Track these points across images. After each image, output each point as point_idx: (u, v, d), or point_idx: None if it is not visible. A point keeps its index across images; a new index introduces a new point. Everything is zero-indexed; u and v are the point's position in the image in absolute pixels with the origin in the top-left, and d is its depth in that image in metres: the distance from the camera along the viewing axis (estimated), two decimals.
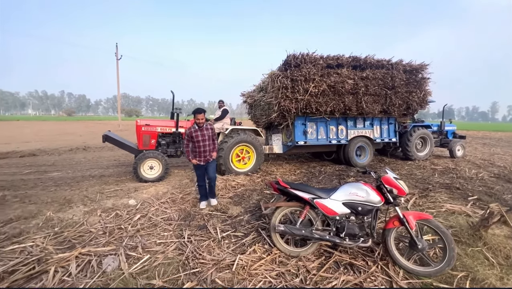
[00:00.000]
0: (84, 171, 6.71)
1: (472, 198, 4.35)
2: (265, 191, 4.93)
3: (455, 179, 5.70)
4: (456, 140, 8.87)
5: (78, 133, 19.87)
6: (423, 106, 7.65)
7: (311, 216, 2.74)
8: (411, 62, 7.30)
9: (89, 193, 4.73)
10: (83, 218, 3.58)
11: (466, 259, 2.47)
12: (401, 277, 2.30)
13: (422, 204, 4.08)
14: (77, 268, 2.42)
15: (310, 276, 2.32)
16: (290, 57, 6.08)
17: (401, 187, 2.50)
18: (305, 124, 6.77)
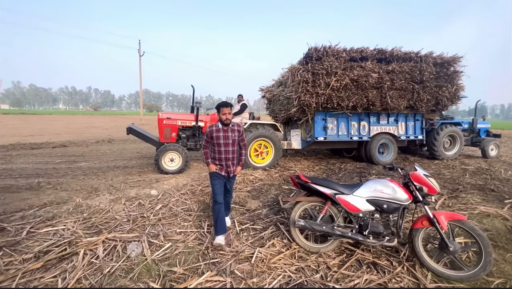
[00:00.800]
0: (109, 162, 7.04)
1: (509, 201, 4.00)
2: (283, 186, 4.88)
3: (489, 180, 5.28)
4: (489, 139, 8.21)
5: (104, 126, 20.93)
6: (454, 102, 7.15)
7: (332, 212, 2.66)
8: (442, 55, 6.82)
9: (114, 182, 4.95)
10: (109, 205, 3.75)
11: (504, 265, 2.28)
12: (429, 280, 2.17)
13: (452, 205, 3.83)
14: (104, 252, 2.53)
15: (331, 273, 2.26)
16: (311, 50, 5.92)
17: (432, 185, 2.35)
18: (326, 119, 6.59)
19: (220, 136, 2.83)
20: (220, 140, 2.83)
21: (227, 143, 2.84)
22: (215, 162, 2.90)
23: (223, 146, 2.84)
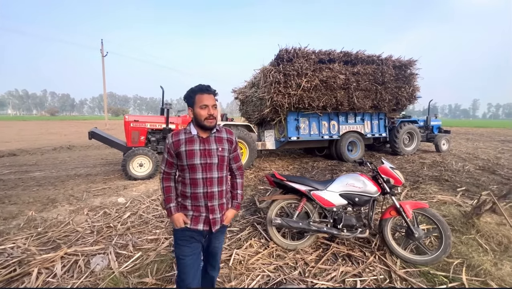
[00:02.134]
0: (69, 170, 6.41)
1: (461, 189, 4.45)
2: (258, 187, 4.87)
3: (443, 172, 5.84)
4: (441, 135, 9.12)
5: (62, 132, 19.11)
6: (411, 101, 7.80)
7: (308, 208, 2.70)
8: (400, 58, 7.42)
9: (75, 192, 4.51)
10: (68, 217, 3.39)
11: (460, 246, 2.50)
12: (398, 267, 2.30)
13: (414, 196, 4.14)
14: (63, 268, 2.27)
15: (309, 269, 2.28)
16: (282, 52, 6.04)
17: (397, 177, 2.50)
18: (298, 119, 6.75)
19: (194, 150, 1.46)
20: (195, 158, 1.45)
21: (209, 164, 1.47)
22: (184, 206, 1.52)
23: (201, 170, 1.46)
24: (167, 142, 1.49)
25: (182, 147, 1.45)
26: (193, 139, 1.48)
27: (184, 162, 1.45)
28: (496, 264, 2.24)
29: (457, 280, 2.09)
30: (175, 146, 1.47)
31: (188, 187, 1.48)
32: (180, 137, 1.48)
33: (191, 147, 1.46)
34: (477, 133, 18.60)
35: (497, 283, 2.03)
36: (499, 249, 2.44)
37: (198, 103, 1.44)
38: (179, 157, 1.47)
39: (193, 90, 1.47)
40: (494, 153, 8.64)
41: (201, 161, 1.46)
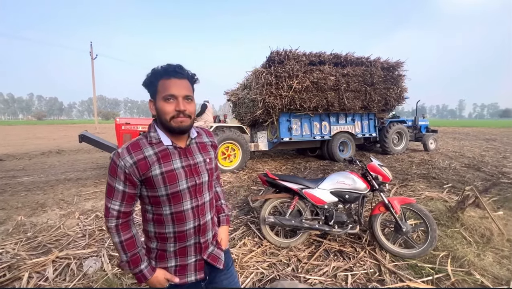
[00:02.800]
0: (58, 174, 6.29)
1: (447, 185, 4.61)
2: (252, 187, 4.91)
3: (431, 170, 6.02)
4: (429, 134, 9.38)
5: (51, 136, 18.66)
6: (400, 102, 8.02)
7: (300, 206, 2.76)
8: (388, 60, 7.63)
9: (65, 196, 4.43)
10: (59, 221, 3.34)
11: (446, 239, 2.60)
12: (388, 260, 2.38)
13: (403, 193, 4.27)
14: (55, 272, 2.24)
15: (302, 265, 2.33)
16: (273, 54, 6.12)
17: (385, 174, 2.59)
18: (290, 120, 6.84)
19: (176, 170, 0.97)
20: (180, 181, 0.97)
21: (199, 186, 1.03)
22: (162, 255, 1.03)
23: (189, 197, 1.00)
24: (120, 164, 0.91)
25: (155, 169, 0.93)
26: (168, 153, 0.96)
27: (162, 191, 0.94)
28: (479, 255, 2.35)
29: (443, 271, 2.18)
30: (141, 168, 0.92)
31: (169, 225, 0.98)
32: (146, 152, 0.93)
33: (169, 166, 0.95)
34: (463, 132, 19.20)
35: (480, 273, 2.13)
36: (481, 241, 2.56)
37: (161, 92, 0.92)
38: (149, 184, 0.94)
39: (156, 72, 0.94)
40: (479, 151, 8.96)
41: (189, 184, 0.98)
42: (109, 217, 0.95)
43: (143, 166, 0.93)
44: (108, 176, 0.95)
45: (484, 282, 2.03)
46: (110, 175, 0.94)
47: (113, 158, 0.93)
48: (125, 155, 0.92)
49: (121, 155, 0.92)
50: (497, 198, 3.83)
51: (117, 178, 0.92)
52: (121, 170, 0.92)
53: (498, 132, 18.74)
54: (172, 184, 0.95)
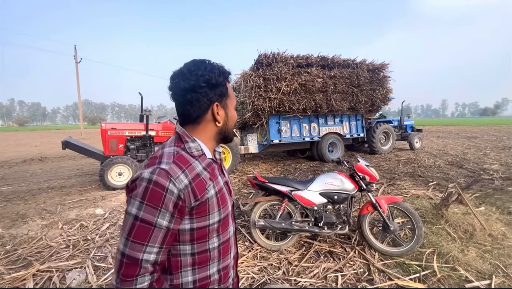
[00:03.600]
0: (41, 183, 6.04)
1: (432, 183, 4.75)
2: (242, 190, 4.88)
3: (417, 168, 6.20)
4: (414, 133, 9.67)
5: (33, 143, 17.94)
6: (386, 103, 8.22)
7: (290, 208, 2.76)
8: (373, 62, 7.82)
9: (48, 205, 4.26)
10: (41, 232, 3.20)
11: (431, 236, 2.67)
12: (377, 259, 2.41)
13: (390, 192, 4.36)
14: (36, 286, 2.14)
15: (292, 267, 2.33)
16: (261, 57, 6.16)
17: (372, 174, 2.63)
18: (279, 122, 6.87)
19: (223, 189, 0.82)
20: (228, 203, 0.83)
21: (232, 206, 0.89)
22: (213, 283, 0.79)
23: (232, 220, 0.89)
24: (170, 187, 0.66)
25: (211, 189, 0.75)
26: (213, 168, 0.81)
27: (215, 216, 0.75)
28: (463, 250, 2.42)
29: (430, 268, 2.23)
30: (198, 190, 0.71)
31: (214, 263, 0.78)
32: (197, 168, 0.74)
33: (219, 185, 0.80)
34: (447, 131, 19.91)
35: (464, 268, 2.19)
36: (465, 237, 2.64)
37: (232, 98, 0.84)
38: (201, 212, 0.72)
39: (225, 72, 0.80)
40: (461, 149, 9.30)
41: (231, 203, 0.87)
42: (140, 275, 0.63)
43: (200, 187, 0.71)
44: (141, 207, 0.64)
45: (468, 277, 2.09)
46: (148, 206, 0.64)
47: (156, 178, 0.65)
48: (177, 173, 0.68)
49: (171, 173, 0.66)
50: (479, 194, 3.97)
51: (162, 209, 0.64)
52: (171, 196, 0.65)
53: (478, 130, 19.54)
54: (224, 206, 0.79)
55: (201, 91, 0.74)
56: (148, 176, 0.66)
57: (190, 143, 0.78)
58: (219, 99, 0.79)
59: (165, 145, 0.78)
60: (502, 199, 3.68)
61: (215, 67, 0.78)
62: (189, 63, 0.77)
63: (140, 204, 0.64)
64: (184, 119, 0.80)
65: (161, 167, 0.67)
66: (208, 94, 0.76)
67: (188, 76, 0.74)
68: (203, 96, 0.75)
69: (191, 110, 0.76)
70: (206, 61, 0.78)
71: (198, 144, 0.79)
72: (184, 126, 0.80)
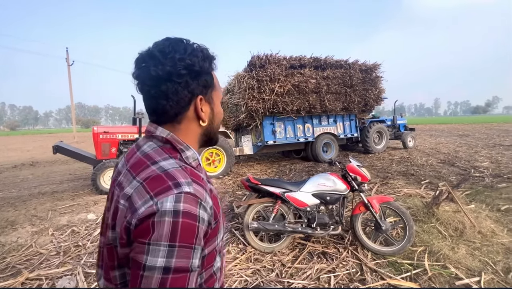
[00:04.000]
0: (32, 188, 5.93)
1: (425, 182, 4.82)
2: (237, 192, 4.87)
3: (409, 167, 6.27)
4: (407, 132, 9.78)
5: (24, 148, 17.63)
6: (378, 102, 8.31)
7: (283, 210, 2.76)
8: (365, 62, 7.90)
9: (38, 211, 4.18)
10: (30, 239, 3.14)
11: (423, 235, 2.70)
12: (369, 259, 2.43)
13: (384, 191, 4.40)
14: None
15: (286, 269, 2.33)
16: (254, 58, 6.17)
17: (364, 174, 2.66)
18: (273, 123, 6.88)
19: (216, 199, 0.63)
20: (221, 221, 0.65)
21: None
22: None
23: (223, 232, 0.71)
24: (201, 214, 0.52)
25: (220, 204, 0.65)
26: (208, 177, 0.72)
27: (221, 234, 0.65)
28: (453, 248, 2.46)
29: (421, 266, 2.26)
30: (217, 209, 0.60)
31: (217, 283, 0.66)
32: (206, 186, 0.60)
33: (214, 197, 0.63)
34: (439, 130, 20.21)
35: (454, 266, 2.22)
36: (455, 234, 2.68)
37: (218, 89, 0.70)
38: (214, 232, 0.59)
39: (210, 57, 0.64)
40: (453, 147, 9.45)
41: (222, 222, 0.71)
42: None
43: (217, 204, 0.61)
44: (172, 253, 0.47)
45: (458, 274, 2.12)
46: (182, 249, 0.48)
47: (185, 208, 0.49)
48: (203, 194, 0.55)
49: (199, 196, 0.53)
50: (469, 191, 4.04)
51: (196, 246, 0.50)
52: (203, 225, 0.52)
53: (470, 128, 19.89)
54: (224, 219, 0.69)
55: (180, 80, 0.58)
56: (174, 207, 0.48)
57: (187, 152, 0.63)
58: (203, 92, 0.63)
59: (153, 158, 0.58)
60: (492, 196, 3.75)
61: (197, 49, 0.61)
62: (161, 43, 0.59)
63: (171, 249, 0.47)
64: (158, 118, 0.63)
65: (186, 191, 0.51)
66: (190, 84, 0.59)
67: (162, 60, 0.56)
68: (183, 88, 0.59)
69: (168, 106, 0.59)
70: (184, 41, 0.61)
71: (193, 152, 0.64)
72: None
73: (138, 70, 0.60)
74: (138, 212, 0.49)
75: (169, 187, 0.51)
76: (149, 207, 0.49)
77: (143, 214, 0.49)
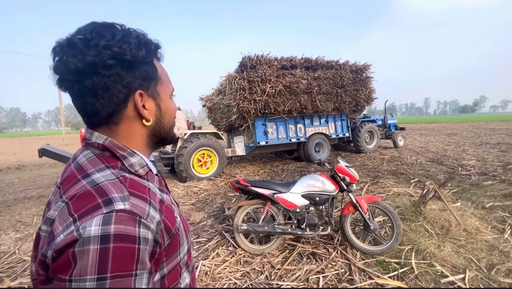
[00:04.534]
0: (17, 193, 5.76)
1: (414, 180, 4.89)
2: (229, 194, 4.84)
3: (399, 166, 6.37)
4: (397, 132, 9.94)
5: (10, 151, 17.13)
6: (369, 103, 8.41)
7: (273, 211, 2.76)
8: (356, 63, 7.99)
9: (23, 217, 4.06)
10: (14, 246, 3.04)
11: (410, 233, 2.74)
12: (358, 259, 2.45)
13: (374, 190, 4.45)
14: None
15: (275, 271, 2.32)
16: (245, 59, 6.15)
17: (352, 174, 2.68)
18: (265, 124, 6.88)
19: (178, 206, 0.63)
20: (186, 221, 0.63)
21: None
22: None
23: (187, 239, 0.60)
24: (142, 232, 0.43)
25: (177, 215, 0.56)
26: (162, 184, 0.63)
27: (184, 247, 0.57)
28: (439, 246, 2.50)
29: (408, 265, 2.29)
30: (171, 222, 0.52)
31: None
32: (156, 191, 0.55)
33: (174, 205, 0.61)
34: (429, 129, 20.64)
35: (440, 264, 2.26)
36: (441, 232, 2.73)
37: (165, 82, 0.60)
38: (172, 248, 0.52)
39: (148, 43, 0.54)
40: (442, 146, 9.65)
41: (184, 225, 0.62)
42: None
43: (170, 217, 0.52)
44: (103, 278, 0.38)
45: (444, 272, 2.16)
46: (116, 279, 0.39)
47: (117, 229, 0.41)
48: (144, 208, 0.46)
49: (138, 212, 0.44)
50: (456, 189, 4.12)
51: (137, 272, 0.42)
52: (146, 245, 0.43)
53: (458, 127, 20.37)
54: (188, 229, 0.61)
55: (109, 72, 0.48)
56: (101, 230, 0.39)
57: (131, 158, 0.53)
58: (143, 85, 0.53)
59: (86, 170, 0.49)
60: (477, 194, 3.84)
61: (131, 34, 0.51)
62: (84, 28, 0.49)
63: (100, 282, 0.38)
64: (89, 120, 0.53)
65: (119, 208, 0.42)
66: (123, 77, 0.50)
67: (83, 48, 0.46)
68: (114, 81, 0.49)
69: (98, 105, 0.50)
70: (115, 26, 0.50)
71: (141, 157, 0.55)
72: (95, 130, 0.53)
73: (55, 62, 0.49)
74: (55, 241, 0.40)
75: (97, 205, 0.42)
76: (69, 234, 0.39)
77: (60, 244, 0.39)
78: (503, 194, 3.75)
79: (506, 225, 2.87)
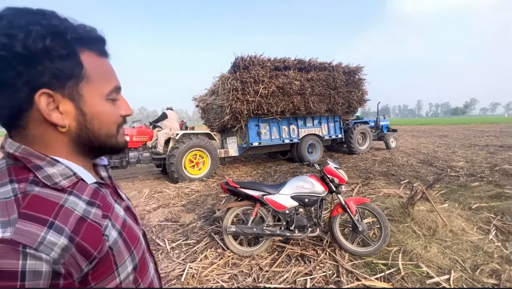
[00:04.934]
0: None
1: (404, 181, 4.95)
2: (220, 195, 4.81)
3: (391, 167, 6.43)
4: (389, 133, 10.06)
5: None
6: (361, 104, 8.50)
7: (262, 213, 2.74)
8: (348, 65, 8.05)
9: None
10: None
11: (398, 234, 2.76)
12: (346, 260, 2.45)
13: (365, 191, 4.48)
14: None
15: (263, 273, 2.31)
16: (238, 60, 6.14)
17: (341, 176, 2.68)
18: (258, 125, 6.88)
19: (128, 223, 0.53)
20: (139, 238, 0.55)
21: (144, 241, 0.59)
22: None
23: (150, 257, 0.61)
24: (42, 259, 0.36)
25: (111, 232, 0.47)
26: (103, 196, 0.51)
27: (128, 265, 0.49)
28: (426, 247, 2.53)
29: (395, 266, 2.30)
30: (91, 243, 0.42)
31: None
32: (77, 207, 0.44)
33: (120, 219, 0.52)
34: (421, 130, 20.97)
35: (426, 264, 2.28)
36: (428, 233, 2.76)
37: (99, 79, 0.49)
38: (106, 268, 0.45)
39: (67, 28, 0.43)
40: (433, 147, 9.80)
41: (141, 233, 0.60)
42: None
43: (93, 237, 0.43)
44: None
45: (430, 273, 2.18)
46: None
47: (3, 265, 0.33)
48: (37, 233, 0.37)
49: (22, 241, 0.35)
50: (444, 190, 4.18)
51: None
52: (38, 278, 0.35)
53: (449, 129, 20.76)
54: (136, 245, 0.53)
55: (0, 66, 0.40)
56: None
57: (48, 168, 0.44)
58: (53, 84, 0.43)
59: None
60: (465, 195, 3.90)
61: (35, 21, 0.41)
62: None
63: None
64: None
65: (8, 238, 0.35)
66: (21, 72, 0.40)
67: None
68: (11, 77, 0.40)
69: None
70: (17, 10, 0.42)
71: (65, 166, 0.46)
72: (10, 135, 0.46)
73: None
74: None
75: None
76: None
77: None
78: (489, 195, 3.83)
79: (491, 226, 2.92)
